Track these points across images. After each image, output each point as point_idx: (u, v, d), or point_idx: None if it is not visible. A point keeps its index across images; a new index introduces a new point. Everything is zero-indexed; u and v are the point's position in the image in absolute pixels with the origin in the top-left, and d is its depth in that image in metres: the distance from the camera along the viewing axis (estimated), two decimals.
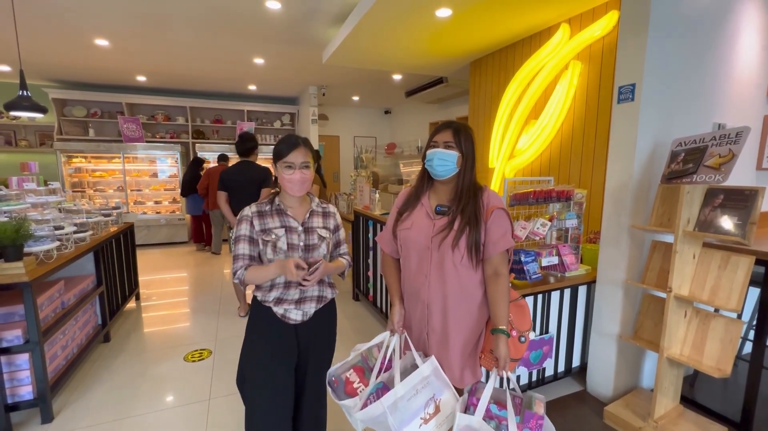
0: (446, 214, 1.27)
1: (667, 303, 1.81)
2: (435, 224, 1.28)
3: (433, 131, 1.31)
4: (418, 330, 1.36)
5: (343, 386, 1.34)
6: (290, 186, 1.34)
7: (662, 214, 1.95)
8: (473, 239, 1.23)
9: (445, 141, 1.26)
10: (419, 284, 1.30)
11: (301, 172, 1.33)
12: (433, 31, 3.27)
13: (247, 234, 1.35)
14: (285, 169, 1.33)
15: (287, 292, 1.38)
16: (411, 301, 1.36)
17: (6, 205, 2.22)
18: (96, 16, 3.38)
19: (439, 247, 1.25)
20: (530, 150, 3.41)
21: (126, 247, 3.52)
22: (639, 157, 1.99)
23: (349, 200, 4.20)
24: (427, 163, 1.29)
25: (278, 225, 1.36)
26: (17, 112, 2.98)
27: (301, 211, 1.42)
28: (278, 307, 1.38)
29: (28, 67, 5.03)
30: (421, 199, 1.34)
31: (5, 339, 1.91)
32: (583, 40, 2.86)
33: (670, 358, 1.83)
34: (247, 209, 1.38)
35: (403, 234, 1.33)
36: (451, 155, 1.25)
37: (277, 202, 1.40)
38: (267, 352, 1.38)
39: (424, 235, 1.28)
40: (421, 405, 1.22)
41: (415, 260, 1.31)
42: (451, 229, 1.24)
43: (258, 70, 5.26)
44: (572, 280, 2.23)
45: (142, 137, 6.21)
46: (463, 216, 1.24)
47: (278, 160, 1.35)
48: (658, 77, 1.94)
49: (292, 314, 1.39)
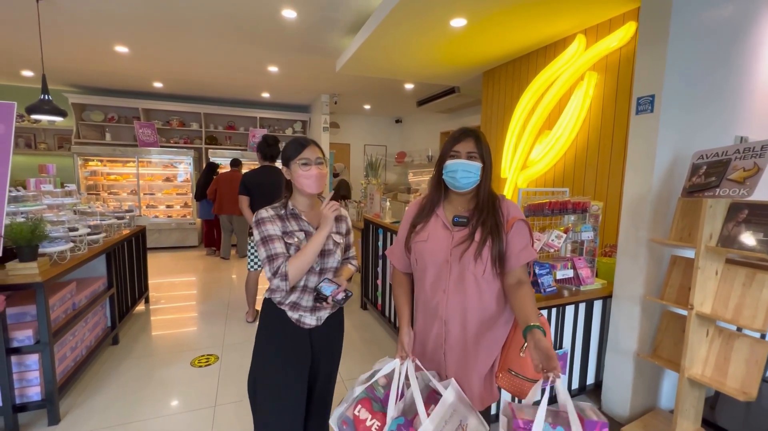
0: (465, 224, 1.20)
1: (689, 321, 1.75)
2: (454, 236, 1.21)
3: (451, 139, 1.22)
4: (433, 349, 1.26)
5: (353, 426, 1.18)
6: (308, 183, 1.31)
7: (682, 228, 1.89)
8: (497, 250, 1.17)
9: (468, 151, 1.17)
10: (437, 299, 1.22)
11: (318, 168, 1.32)
12: (447, 41, 3.28)
13: (278, 233, 1.28)
14: (301, 166, 1.30)
15: (302, 297, 1.35)
16: (427, 318, 1.27)
17: (23, 206, 2.25)
18: (117, 24, 3.46)
19: (460, 259, 1.18)
20: (544, 160, 3.38)
21: (137, 250, 3.55)
22: (658, 170, 1.94)
23: (359, 208, 4.19)
24: (448, 175, 1.19)
25: (296, 229, 1.33)
26: (38, 115, 3.05)
27: (314, 216, 1.39)
28: (293, 312, 1.35)
29: (49, 73, 5.17)
30: (436, 210, 1.26)
31: (16, 339, 1.91)
32: (599, 51, 2.84)
33: (691, 379, 1.76)
34: (263, 212, 1.32)
35: (419, 246, 1.24)
36: (476, 166, 1.17)
37: (291, 206, 1.36)
38: (281, 358, 1.34)
39: (442, 247, 1.21)
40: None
41: (432, 274, 1.23)
42: (473, 240, 1.17)
43: (272, 78, 5.33)
44: (587, 294, 2.17)
45: (157, 142, 6.32)
46: (484, 227, 1.18)
47: (291, 160, 1.32)
48: (678, 88, 1.90)
49: (306, 319, 1.36)
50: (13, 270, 1.89)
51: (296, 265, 1.25)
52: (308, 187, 1.32)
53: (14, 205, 2.23)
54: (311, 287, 1.35)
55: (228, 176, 5.21)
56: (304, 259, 1.26)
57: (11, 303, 2.03)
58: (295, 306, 1.35)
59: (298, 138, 1.37)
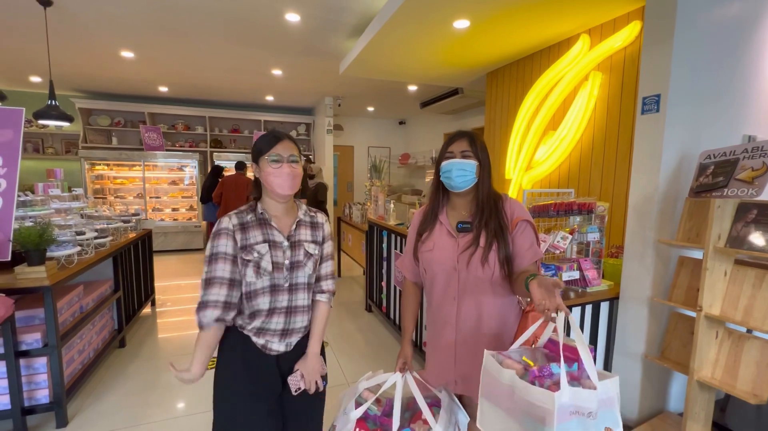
0: (469, 230, 1.19)
1: (697, 323, 1.73)
2: (459, 243, 1.19)
3: (446, 141, 1.23)
4: (442, 354, 1.25)
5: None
6: (279, 182, 1.12)
7: (690, 228, 1.87)
8: (503, 254, 1.15)
9: (462, 150, 1.18)
10: (447, 308, 1.21)
11: (290, 166, 1.14)
12: (450, 43, 3.28)
13: (229, 252, 1.11)
14: (271, 163, 1.12)
15: (270, 321, 1.16)
16: (437, 325, 1.26)
17: (32, 210, 2.28)
18: (122, 29, 3.50)
19: (467, 266, 1.16)
20: (548, 161, 3.36)
21: (143, 253, 3.57)
22: (664, 170, 1.92)
23: (363, 210, 4.19)
24: (444, 175, 1.20)
25: (260, 240, 1.14)
26: (46, 120, 3.09)
27: (286, 222, 1.21)
28: (259, 338, 1.17)
29: (56, 78, 5.24)
30: (439, 216, 1.25)
31: (25, 342, 1.93)
32: (603, 50, 2.82)
33: (700, 381, 1.74)
34: (226, 220, 1.14)
35: (426, 256, 1.24)
36: (470, 164, 1.17)
37: (260, 210, 1.18)
38: (247, 389, 1.17)
39: (448, 256, 1.19)
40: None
41: (441, 283, 1.22)
42: (478, 245, 1.16)
43: (276, 81, 5.35)
44: (594, 296, 2.15)
45: (163, 146, 6.37)
46: (488, 230, 1.17)
47: (261, 155, 1.14)
48: (684, 88, 1.89)
49: (274, 345, 1.18)
50: (22, 274, 1.91)
51: (202, 338, 1.12)
52: (278, 187, 1.13)
53: (23, 210, 2.26)
54: (280, 307, 1.17)
55: (233, 179, 5.23)
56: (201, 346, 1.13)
57: (20, 307, 2.06)
58: (261, 332, 1.17)
59: (271, 131, 1.18)
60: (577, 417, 0.80)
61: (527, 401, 0.83)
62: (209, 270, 1.11)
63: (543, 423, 0.79)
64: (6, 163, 1.99)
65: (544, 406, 0.79)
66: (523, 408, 0.84)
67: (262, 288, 1.14)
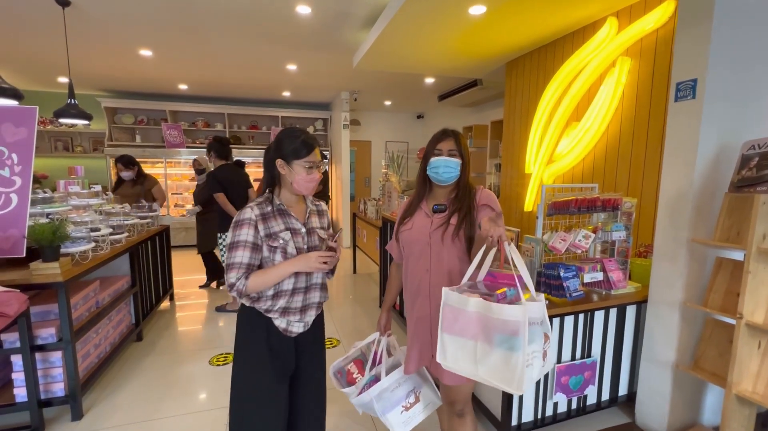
0: (443, 211, 1.36)
1: (737, 332, 1.56)
2: (432, 221, 1.36)
3: (433, 139, 1.38)
4: (417, 323, 1.40)
5: (345, 377, 1.58)
6: (309, 186, 1.30)
7: (729, 227, 1.69)
8: (469, 232, 1.32)
9: (449, 149, 1.34)
10: (419, 278, 1.37)
11: (319, 172, 1.31)
12: (466, 31, 3.13)
13: (250, 240, 1.23)
14: (306, 168, 1.26)
15: (292, 300, 1.31)
16: (411, 295, 1.42)
17: (49, 207, 2.32)
18: (139, 28, 3.54)
19: (442, 241, 1.33)
20: (571, 154, 3.17)
21: (161, 249, 3.63)
22: (701, 162, 1.75)
23: (378, 206, 4.12)
24: (432, 170, 1.36)
25: (282, 228, 1.28)
26: (66, 119, 3.16)
27: (299, 211, 1.36)
28: (281, 319, 1.31)
29: (82, 79, 5.40)
30: (421, 203, 1.43)
31: (40, 336, 1.98)
32: (633, 34, 2.61)
33: (739, 396, 1.57)
34: (248, 211, 1.25)
35: (405, 235, 1.41)
36: (456, 162, 1.34)
37: (278, 202, 1.30)
38: (272, 372, 1.30)
39: (423, 232, 1.37)
40: (403, 396, 1.48)
41: (416, 256, 1.39)
42: (449, 224, 1.33)
43: (291, 77, 5.33)
44: (619, 299, 2.00)
45: (184, 143, 6.49)
46: (460, 212, 1.34)
47: (296, 159, 1.26)
48: (723, 71, 1.70)
49: (294, 327, 1.33)
50: (36, 270, 1.95)
51: (257, 283, 1.23)
52: (306, 190, 1.30)
53: (40, 206, 2.31)
54: (300, 287, 1.32)
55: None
56: (267, 280, 1.24)
57: (37, 302, 2.10)
58: (285, 312, 1.30)
59: (304, 137, 1.28)
60: (533, 326, 1.04)
61: (500, 320, 1.01)
62: (232, 256, 1.22)
63: (517, 334, 0.99)
64: (21, 161, 2.02)
65: (516, 320, 0.99)
66: (495, 326, 1.02)
67: None
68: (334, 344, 3.01)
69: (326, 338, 3.09)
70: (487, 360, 1.03)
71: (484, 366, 1.04)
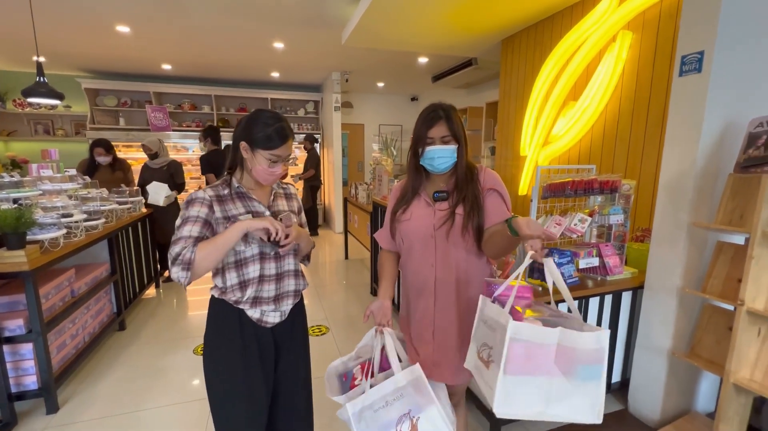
0: (445, 198, 1.23)
1: (737, 318, 1.49)
2: (435, 211, 1.23)
3: (421, 123, 1.21)
4: (419, 322, 1.29)
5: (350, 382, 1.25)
6: (269, 179, 1.20)
7: (732, 209, 1.61)
8: (477, 221, 1.19)
9: (442, 136, 1.18)
10: (425, 275, 1.25)
11: (285, 165, 1.21)
12: (459, 5, 2.96)
13: (201, 216, 1.11)
14: (269, 160, 1.15)
15: (262, 288, 1.19)
16: (414, 294, 1.30)
17: (15, 192, 2.18)
18: (112, 1, 3.32)
19: (447, 237, 1.20)
20: (568, 135, 3.06)
21: (144, 235, 3.51)
22: (704, 141, 1.65)
23: (369, 190, 4.00)
24: (426, 162, 1.21)
25: (242, 212, 1.16)
26: (34, 98, 2.98)
27: (262, 193, 1.25)
28: (254, 310, 1.20)
29: (58, 58, 5.14)
30: (418, 190, 1.28)
31: (8, 328, 1.87)
32: (635, 5, 2.47)
33: (737, 384, 1.52)
34: (201, 192, 1.14)
35: (404, 226, 1.27)
36: (451, 149, 1.19)
37: (236, 185, 1.19)
38: (245, 365, 1.19)
39: (425, 223, 1.23)
40: (392, 421, 1.05)
41: (418, 250, 1.25)
42: (455, 215, 1.20)
43: (279, 55, 5.11)
44: (615, 285, 1.93)
45: (169, 126, 6.27)
46: (465, 203, 1.20)
47: (261, 147, 1.14)
48: (732, 44, 1.58)
49: (269, 317, 1.22)
50: (0, 259, 1.83)
51: (206, 252, 1.05)
52: (264, 181, 1.21)
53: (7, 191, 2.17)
54: (269, 275, 1.20)
55: None
56: (216, 247, 1.06)
57: (4, 292, 1.99)
58: (256, 302, 1.19)
59: (278, 126, 1.13)
60: None
61: (586, 350, 0.89)
62: (179, 231, 1.09)
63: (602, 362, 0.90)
64: None
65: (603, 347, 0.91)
66: (580, 357, 0.89)
67: (252, 256, 1.17)
68: (323, 331, 2.94)
69: (316, 325, 3.03)
70: (565, 395, 0.89)
71: (561, 404, 0.89)
